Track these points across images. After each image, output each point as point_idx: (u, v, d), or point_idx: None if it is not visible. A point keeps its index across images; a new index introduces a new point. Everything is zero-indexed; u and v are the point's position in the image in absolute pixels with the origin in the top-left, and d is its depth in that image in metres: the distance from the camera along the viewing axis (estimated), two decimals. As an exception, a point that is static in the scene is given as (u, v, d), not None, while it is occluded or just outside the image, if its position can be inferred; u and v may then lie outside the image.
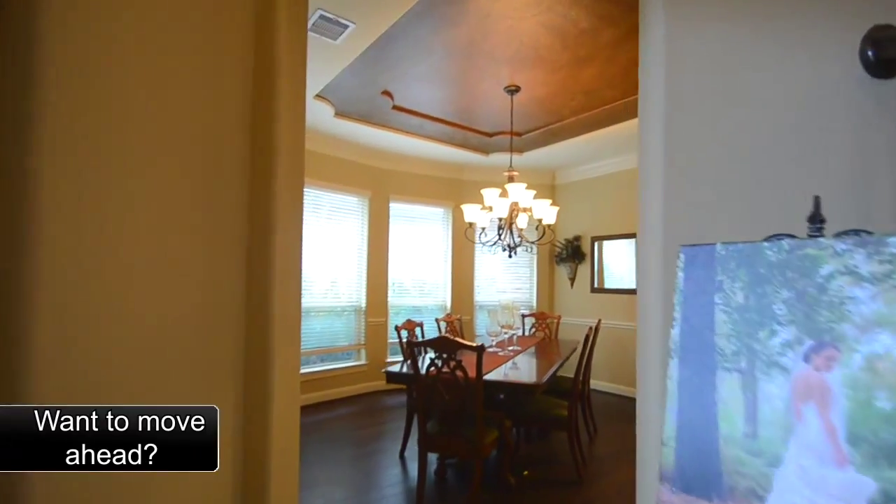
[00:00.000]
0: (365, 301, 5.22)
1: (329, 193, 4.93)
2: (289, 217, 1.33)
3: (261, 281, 1.22)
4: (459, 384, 2.42)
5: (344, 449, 3.56)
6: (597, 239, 5.47)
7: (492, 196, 3.50)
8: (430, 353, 2.51)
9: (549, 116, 4.20)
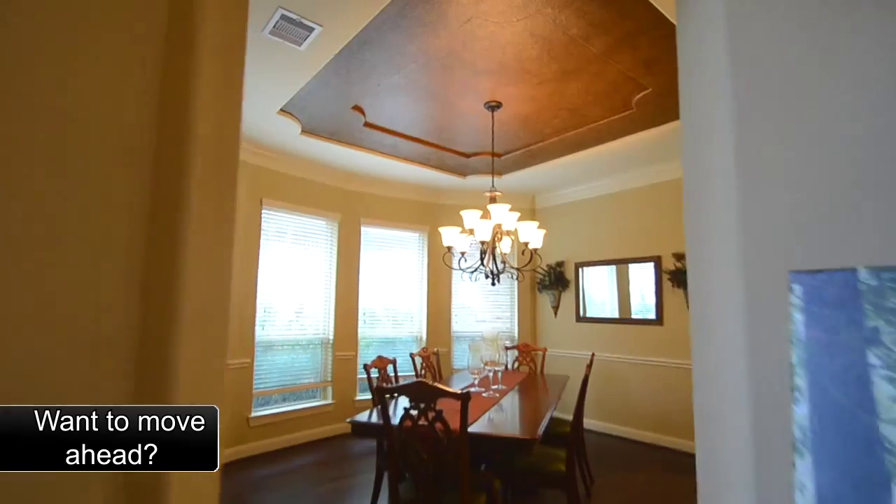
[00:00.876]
0: (333, 333, 4.76)
1: (295, 216, 4.53)
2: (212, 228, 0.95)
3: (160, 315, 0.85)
4: (439, 440, 2.03)
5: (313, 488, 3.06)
6: (581, 265, 5.23)
7: (472, 218, 3.19)
8: (405, 401, 2.12)
9: (531, 136, 3.98)
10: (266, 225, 4.31)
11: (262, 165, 4.26)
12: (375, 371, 3.13)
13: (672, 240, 4.46)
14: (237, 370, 3.96)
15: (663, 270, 4.51)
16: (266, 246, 4.33)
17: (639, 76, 3.00)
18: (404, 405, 2.10)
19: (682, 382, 4.29)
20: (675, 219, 4.48)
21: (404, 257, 5.43)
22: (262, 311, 4.27)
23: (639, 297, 4.84)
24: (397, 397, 2.85)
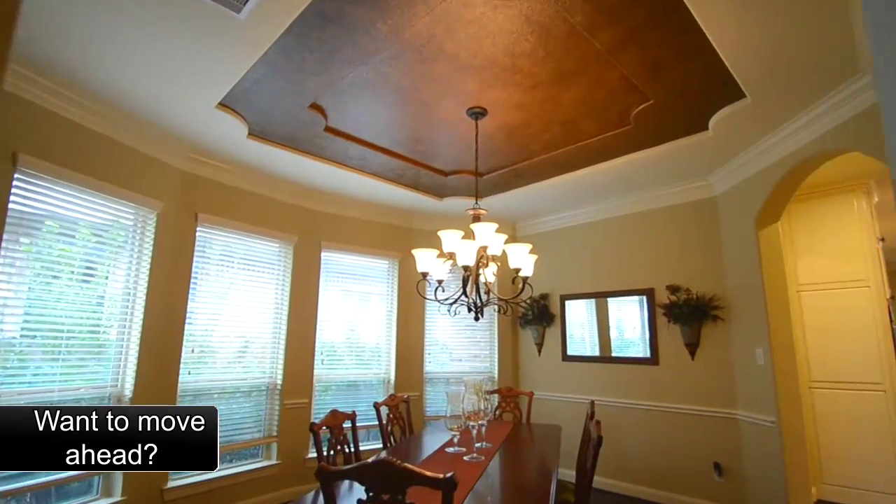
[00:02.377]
0: (282, 375, 4.02)
1: (239, 237, 3.86)
2: None
3: None
4: (412, 546, 1.40)
5: None
6: (567, 298, 4.76)
7: (452, 239, 2.65)
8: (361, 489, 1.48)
9: (517, 152, 3.56)
10: (202, 246, 3.62)
11: (199, 174, 3.60)
12: (327, 434, 2.46)
13: (666, 271, 4.08)
14: (154, 426, 3.15)
15: (657, 304, 4.09)
16: (202, 271, 3.62)
17: (642, 83, 2.64)
18: (359, 492, 1.46)
19: (684, 430, 3.80)
20: (670, 249, 4.11)
21: (371, 287, 4.80)
22: (191, 351, 3.50)
23: (630, 333, 4.39)
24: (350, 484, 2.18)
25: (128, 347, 3.07)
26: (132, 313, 3.10)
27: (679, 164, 3.61)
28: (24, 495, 2.57)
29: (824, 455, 3.77)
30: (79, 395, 2.80)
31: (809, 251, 4.02)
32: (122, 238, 3.10)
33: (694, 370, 3.82)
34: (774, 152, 3.12)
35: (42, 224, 2.67)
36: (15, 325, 2.58)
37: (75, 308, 2.82)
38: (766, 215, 3.35)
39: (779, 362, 3.17)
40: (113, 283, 3.04)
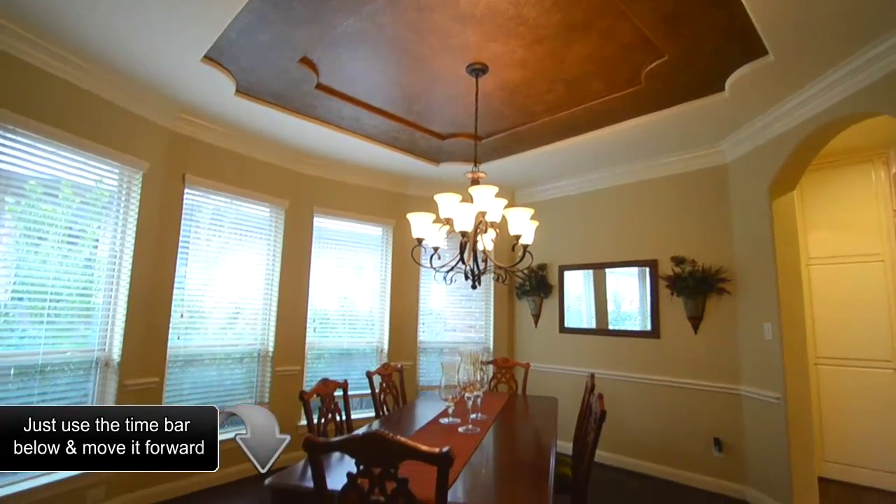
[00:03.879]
0: (273, 342, 3.95)
1: (229, 199, 3.71)
2: None
3: None
4: (402, 520, 1.33)
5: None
6: (566, 268, 4.67)
7: (449, 203, 2.51)
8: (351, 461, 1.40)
9: (518, 115, 3.37)
10: (191, 209, 3.47)
11: (186, 134, 3.41)
12: (317, 402, 2.40)
13: (671, 242, 3.95)
14: (138, 392, 3.07)
15: (660, 276, 4.00)
16: (192, 235, 3.48)
17: (657, 37, 2.44)
18: (350, 464, 1.39)
19: (685, 405, 3.76)
20: (676, 219, 3.98)
21: (365, 254, 4.68)
22: (180, 316, 3.41)
23: (631, 305, 4.32)
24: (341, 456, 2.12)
25: (115, 311, 2.99)
26: (118, 277, 3.00)
27: (690, 129, 3.42)
28: None
29: (827, 433, 3.72)
30: (66, 359, 2.75)
31: (821, 224, 3.89)
32: (108, 199, 2.96)
33: (696, 344, 3.75)
34: (794, 116, 2.93)
35: (25, 184, 2.54)
36: (2, 288, 2.50)
37: (62, 271, 2.74)
38: (782, 184, 3.19)
39: (788, 338, 3.07)
40: (101, 247, 2.94)
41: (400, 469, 1.32)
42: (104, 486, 2.84)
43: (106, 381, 2.94)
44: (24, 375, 2.56)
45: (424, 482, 1.32)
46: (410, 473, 1.33)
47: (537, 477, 1.79)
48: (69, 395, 2.78)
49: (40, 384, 2.61)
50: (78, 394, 2.82)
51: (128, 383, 3.01)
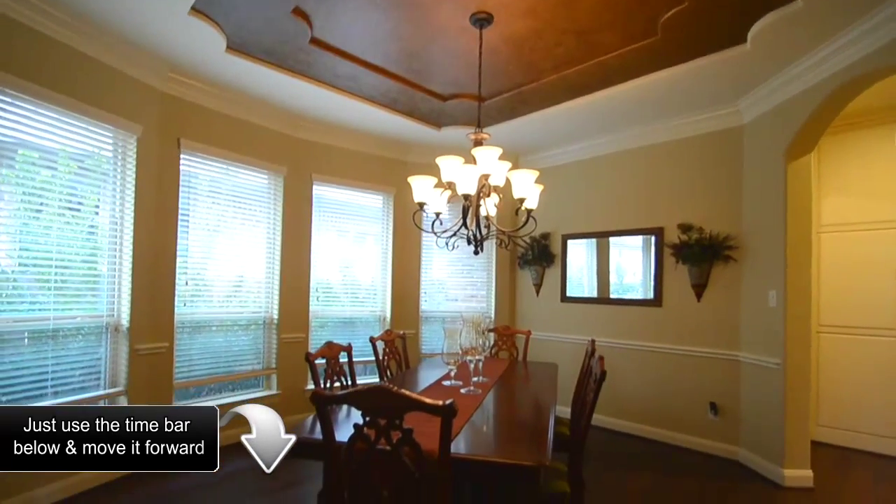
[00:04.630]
0: (277, 311, 3.95)
1: (226, 165, 3.62)
2: None
3: None
4: (407, 470, 1.33)
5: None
6: (569, 237, 4.60)
7: (451, 166, 2.42)
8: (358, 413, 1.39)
9: (524, 72, 3.23)
10: (188, 176, 3.40)
11: (178, 96, 3.31)
12: (323, 362, 2.38)
13: (679, 209, 3.88)
14: (150, 356, 3.13)
15: (665, 244, 3.93)
16: (191, 204, 3.42)
17: (675, -18, 2.29)
18: (356, 420, 1.37)
19: (683, 371, 3.78)
20: (685, 185, 3.89)
21: (366, 225, 4.62)
22: (184, 283, 3.40)
23: (634, 274, 4.27)
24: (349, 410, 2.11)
25: (120, 278, 3.00)
26: (121, 245, 3.01)
27: (707, 86, 3.26)
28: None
29: (822, 398, 3.79)
30: (76, 324, 2.81)
31: (836, 190, 3.83)
32: (105, 167, 2.93)
33: (699, 312, 3.73)
34: (818, 71, 2.79)
35: (16, 151, 2.49)
36: (9, 260, 2.52)
37: (66, 239, 2.75)
38: (799, 146, 3.07)
39: (792, 305, 3.05)
40: (101, 214, 2.94)
41: (404, 421, 1.30)
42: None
43: (118, 345, 3.00)
44: (37, 340, 2.61)
45: (427, 436, 1.33)
46: (415, 426, 1.31)
47: (537, 432, 1.79)
48: (82, 360, 2.84)
49: (53, 349, 2.67)
50: (91, 358, 2.88)
51: (139, 348, 3.05)
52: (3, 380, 2.43)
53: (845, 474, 3.25)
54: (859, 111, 3.50)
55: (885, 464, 3.43)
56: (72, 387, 2.77)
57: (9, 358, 2.47)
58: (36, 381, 2.58)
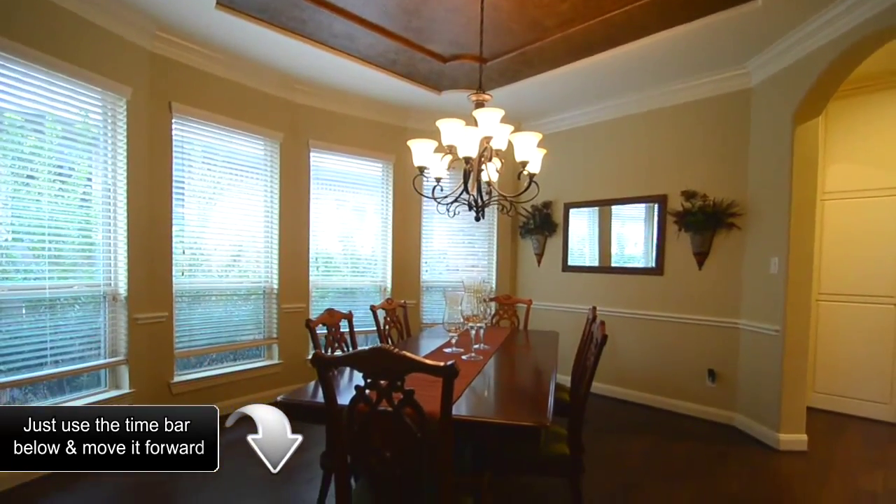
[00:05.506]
0: (277, 281, 3.93)
1: (219, 130, 3.52)
2: None
3: None
4: (409, 431, 1.32)
5: (240, 499, 2.37)
6: (571, 206, 4.54)
7: (452, 129, 2.35)
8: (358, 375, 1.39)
9: (528, 31, 3.10)
10: (181, 142, 3.31)
11: (168, 56, 3.18)
12: (324, 330, 2.37)
13: (682, 176, 3.81)
14: (149, 325, 3.12)
15: (668, 212, 3.88)
16: (186, 172, 3.34)
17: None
18: (361, 379, 1.36)
19: (683, 339, 3.80)
20: (689, 151, 3.80)
21: (365, 195, 4.55)
22: (181, 252, 3.36)
23: (636, 242, 4.24)
24: (350, 373, 2.11)
25: (116, 247, 2.96)
26: (115, 212, 2.95)
27: (716, 46, 3.14)
28: (38, 385, 2.65)
29: (819, 366, 3.84)
30: (73, 293, 2.79)
31: (842, 157, 3.78)
32: (95, 131, 2.84)
33: (700, 280, 3.72)
34: (831, 29, 2.68)
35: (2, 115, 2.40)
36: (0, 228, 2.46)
37: (59, 207, 2.69)
38: (808, 108, 2.99)
39: (794, 272, 3.04)
40: (94, 182, 2.86)
41: (406, 381, 1.29)
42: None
43: (116, 315, 2.98)
44: (34, 310, 2.59)
45: (428, 399, 1.33)
46: (416, 387, 1.30)
47: (537, 395, 1.80)
48: (81, 329, 2.84)
49: (51, 318, 2.65)
50: (89, 327, 2.87)
51: (138, 317, 3.04)
52: (2, 349, 2.43)
53: (838, 438, 3.31)
54: (868, 75, 3.40)
55: (877, 428, 3.50)
56: (72, 356, 2.77)
57: (6, 327, 2.47)
58: (36, 351, 2.57)
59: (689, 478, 2.67)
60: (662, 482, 2.61)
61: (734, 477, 2.70)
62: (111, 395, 2.93)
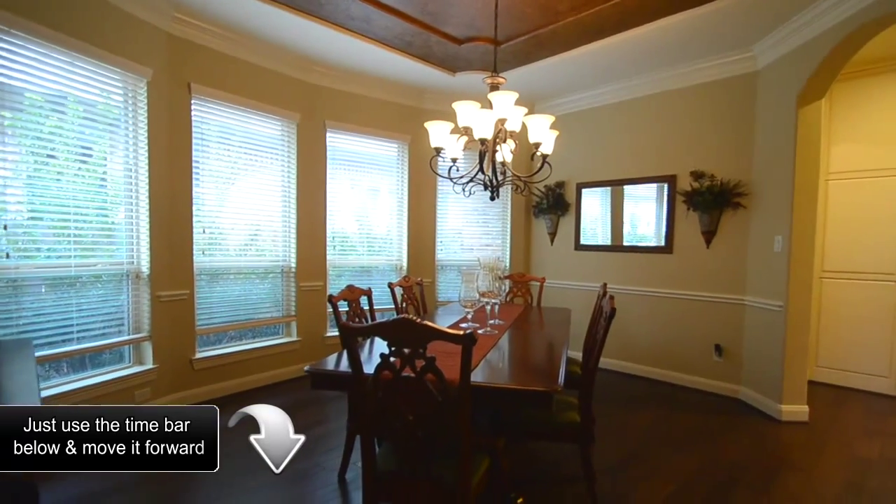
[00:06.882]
0: (295, 260, 4.06)
1: (238, 112, 3.60)
2: None
3: None
4: (431, 395, 1.44)
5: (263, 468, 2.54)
6: (583, 186, 4.58)
7: (468, 111, 2.41)
8: (382, 344, 1.50)
9: (541, 14, 3.11)
10: (199, 123, 3.39)
11: (187, 38, 3.24)
12: (344, 304, 2.50)
13: (691, 156, 3.85)
14: (171, 303, 3.24)
15: (678, 191, 3.92)
16: (203, 153, 3.44)
17: None
18: (382, 350, 1.48)
19: (691, 315, 3.90)
20: (698, 132, 3.83)
21: (381, 172, 4.63)
22: (202, 231, 3.48)
23: (647, 222, 4.28)
24: (372, 339, 2.24)
25: (138, 226, 3.04)
26: (137, 193, 3.02)
27: (724, 29, 3.15)
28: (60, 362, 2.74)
29: (822, 341, 3.96)
30: (97, 271, 2.85)
31: (846, 137, 3.84)
32: (116, 111, 2.89)
33: (708, 258, 3.79)
34: (838, 11, 2.69)
35: (23, 96, 2.44)
36: (20, 207, 2.50)
37: (79, 189, 2.73)
38: (811, 91, 3.03)
39: (797, 250, 3.11)
40: (113, 163, 2.90)
41: (427, 349, 1.41)
42: (149, 385, 3.09)
43: (139, 292, 3.07)
44: (58, 288, 2.66)
45: (447, 368, 1.44)
46: (438, 356, 1.42)
47: (549, 364, 1.91)
48: (105, 306, 2.91)
49: (76, 296, 2.73)
50: (113, 305, 2.96)
51: (160, 294, 3.15)
52: (31, 324, 2.50)
53: (839, 410, 3.43)
54: (872, 58, 3.45)
55: (878, 401, 3.61)
56: (96, 332, 2.84)
57: (30, 304, 2.52)
58: (62, 327, 2.65)
59: (692, 446, 2.80)
60: (667, 450, 2.74)
61: (736, 445, 2.82)
62: (135, 370, 3.03)
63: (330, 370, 1.85)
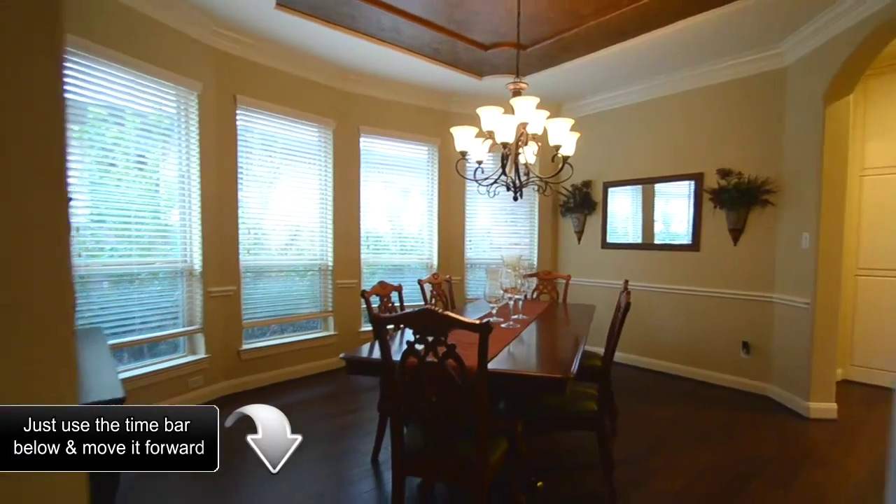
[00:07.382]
0: (332, 259, 4.32)
1: (279, 120, 3.88)
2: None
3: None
4: (452, 379, 1.60)
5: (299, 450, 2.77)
6: (610, 185, 4.62)
7: (492, 116, 2.55)
8: (408, 333, 1.68)
9: (564, 19, 3.20)
10: (244, 130, 3.68)
11: (231, 52, 3.51)
12: (376, 299, 2.69)
13: (717, 153, 3.83)
14: (220, 298, 3.54)
15: (704, 189, 3.90)
16: (246, 160, 3.72)
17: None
18: (408, 338, 1.65)
19: (718, 312, 3.89)
20: (724, 130, 3.81)
21: (412, 174, 4.82)
22: (247, 232, 3.77)
23: (674, 220, 4.28)
24: (402, 329, 2.43)
25: (191, 228, 3.32)
26: (190, 197, 3.30)
27: (750, 26, 3.15)
28: (122, 351, 3.04)
29: (857, 339, 3.86)
30: (154, 269, 3.15)
31: (881, 132, 3.72)
32: (169, 122, 3.15)
33: (735, 255, 3.77)
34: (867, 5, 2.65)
35: (87, 110, 2.70)
36: (86, 210, 2.78)
37: (136, 194, 3.00)
38: (838, 87, 3.00)
39: (825, 247, 3.08)
40: (166, 170, 3.16)
41: (449, 337, 1.57)
42: (202, 374, 3.40)
43: (192, 288, 3.37)
44: (120, 284, 2.96)
45: (467, 357, 1.60)
46: (459, 344, 1.58)
47: (566, 355, 2.03)
48: (161, 301, 3.20)
49: (136, 291, 3.03)
50: (169, 299, 3.25)
51: (211, 290, 3.45)
52: (97, 317, 2.81)
53: (870, 408, 3.35)
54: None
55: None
56: (153, 324, 3.12)
57: (97, 298, 2.82)
58: (124, 319, 2.95)
59: (715, 440, 2.83)
60: (689, 443, 2.78)
61: (760, 440, 2.83)
62: (189, 359, 3.31)
63: (363, 357, 2.04)
